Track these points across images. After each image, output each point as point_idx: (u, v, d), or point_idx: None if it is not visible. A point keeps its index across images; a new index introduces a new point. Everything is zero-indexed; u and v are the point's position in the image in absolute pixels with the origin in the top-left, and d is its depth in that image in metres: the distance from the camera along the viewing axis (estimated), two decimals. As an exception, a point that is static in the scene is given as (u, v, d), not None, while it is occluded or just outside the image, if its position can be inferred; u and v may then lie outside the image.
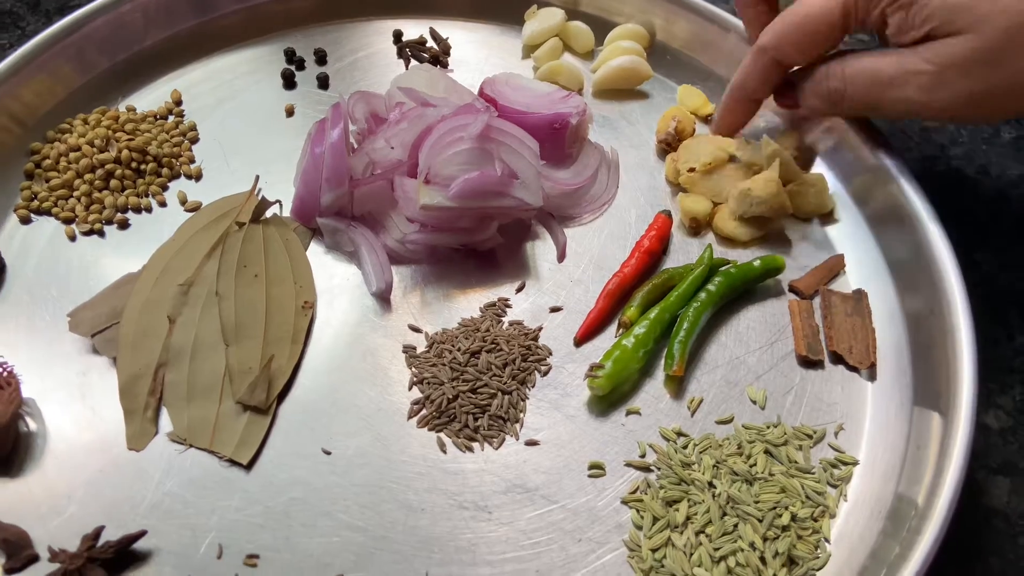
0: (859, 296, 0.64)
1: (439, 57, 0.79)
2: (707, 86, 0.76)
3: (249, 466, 0.55)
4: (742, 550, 0.52)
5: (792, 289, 0.66)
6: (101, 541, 0.50)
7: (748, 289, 0.65)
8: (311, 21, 0.79)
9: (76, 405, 0.56)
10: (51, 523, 0.52)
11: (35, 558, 0.51)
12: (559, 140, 0.70)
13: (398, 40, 0.80)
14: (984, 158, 0.76)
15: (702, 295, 0.62)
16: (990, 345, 0.65)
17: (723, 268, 0.64)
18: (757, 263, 0.65)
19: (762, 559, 0.52)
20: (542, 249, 0.67)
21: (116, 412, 0.56)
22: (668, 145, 0.72)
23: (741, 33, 0.75)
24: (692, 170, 0.69)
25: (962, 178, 0.75)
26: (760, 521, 0.53)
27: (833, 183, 0.70)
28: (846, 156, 0.70)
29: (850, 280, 0.66)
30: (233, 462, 0.55)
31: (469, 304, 0.64)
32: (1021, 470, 0.59)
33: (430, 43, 0.80)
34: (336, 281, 0.64)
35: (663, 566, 0.52)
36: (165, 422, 0.56)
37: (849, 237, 0.68)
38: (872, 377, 0.61)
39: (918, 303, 0.63)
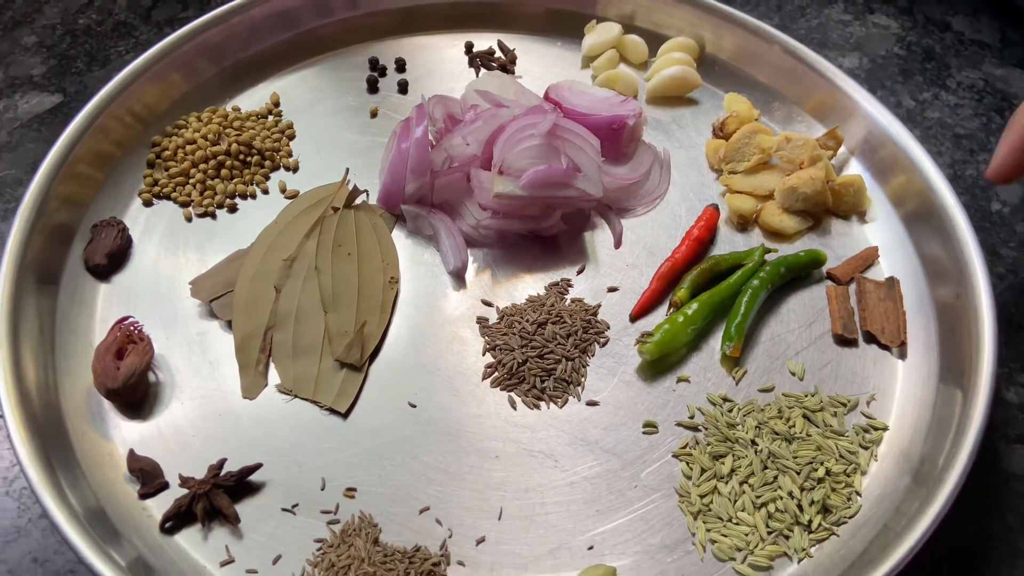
0: (891, 283, 0.70)
1: (506, 66, 0.87)
2: (752, 94, 0.83)
3: (346, 415, 0.63)
4: (781, 498, 0.58)
5: (830, 276, 0.72)
6: (223, 471, 0.58)
7: (792, 277, 0.71)
8: (392, 34, 0.88)
9: (197, 359, 0.65)
10: (178, 457, 0.60)
11: (165, 486, 0.59)
12: (617, 140, 0.77)
13: (469, 51, 0.88)
14: (1012, 162, 0.82)
15: (755, 282, 0.68)
16: (1013, 329, 0.71)
17: (772, 259, 0.71)
18: (802, 254, 0.71)
19: (799, 506, 0.58)
20: (600, 237, 0.74)
21: (231, 366, 0.65)
22: (716, 131, 0.80)
23: (784, 45, 0.82)
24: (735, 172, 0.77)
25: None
26: (798, 474, 0.59)
27: (870, 183, 0.76)
28: (883, 159, 0.76)
29: (883, 269, 0.72)
30: (332, 411, 0.63)
31: (535, 283, 0.71)
32: (1039, 440, 0.65)
33: (498, 54, 0.88)
34: (417, 261, 0.72)
35: (710, 510, 0.58)
36: (273, 376, 0.64)
37: (884, 232, 0.74)
38: (902, 355, 0.67)
39: (946, 290, 0.69)
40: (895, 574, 0.53)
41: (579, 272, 0.72)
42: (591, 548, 0.57)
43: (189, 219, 0.74)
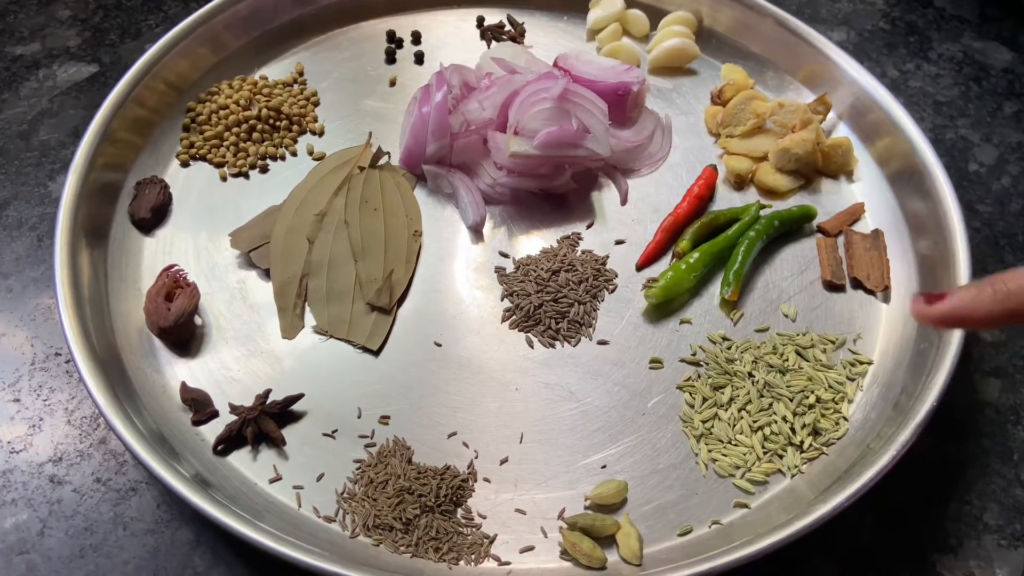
0: (876, 235, 0.76)
1: (516, 39, 0.92)
2: (747, 64, 0.89)
3: (378, 352, 0.68)
4: (776, 422, 0.64)
5: (820, 229, 0.78)
6: (269, 400, 0.64)
7: (785, 230, 0.77)
8: (408, 8, 0.93)
9: (238, 305, 0.70)
10: (226, 389, 0.66)
11: (216, 414, 0.64)
12: (622, 105, 0.83)
13: (480, 25, 0.94)
14: (988, 128, 0.88)
15: (751, 233, 0.74)
16: (988, 276, 0.77)
17: (766, 213, 0.77)
18: (794, 209, 0.77)
19: (792, 429, 0.64)
20: (608, 195, 0.80)
21: (270, 310, 0.70)
22: (714, 99, 0.85)
23: (777, 18, 0.87)
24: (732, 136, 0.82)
25: (969, 143, 0.87)
26: (791, 400, 0.65)
27: (857, 145, 0.82)
28: (869, 123, 0.82)
29: (869, 223, 0.78)
30: (365, 349, 0.68)
31: (548, 237, 0.77)
32: (1009, 374, 0.71)
33: (508, 27, 0.94)
34: (438, 217, 0.78)
35: (711, 433, 0.64)
36: (310, 319, 0.70)
37: (870, 189, 0.80)
38: (886, 299, 0.73)
39: (926, 242, 0.74)
40: (874, 485, 0.59)
41: (588, 227, 0.78)
42: (604, 467, 0.63)
43: (224, 179, 0.79)
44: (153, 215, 0.74)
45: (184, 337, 0.67)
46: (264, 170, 0.80)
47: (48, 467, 0.63)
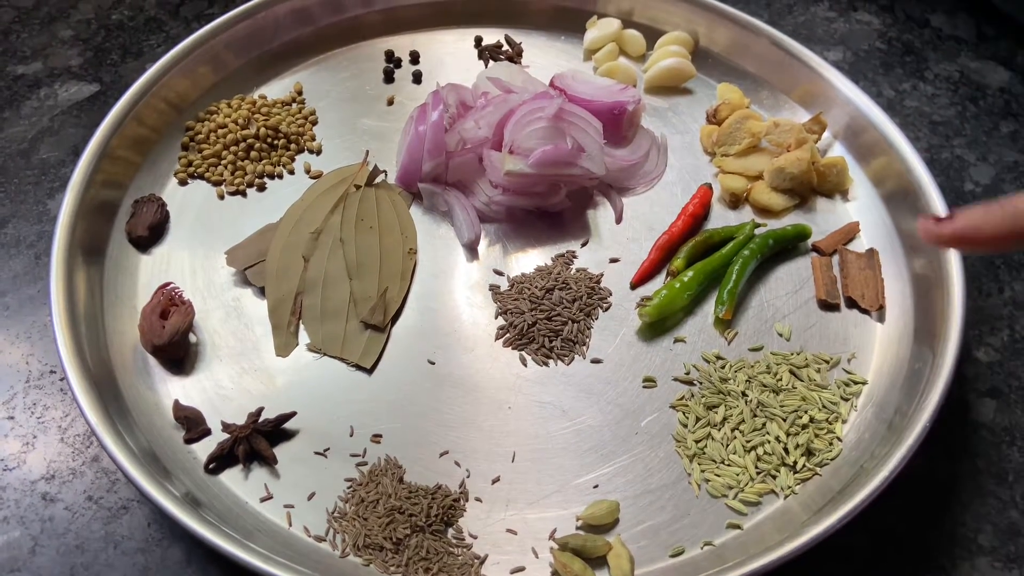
0: (871, 254, 0.76)
1: (513, 59, 0.93)
2: (743, 84, 0.89)
3: (371, 371, 0.68)
4: (769, 442, 0.64)
5: (815, 248, 0.78)
6: (261, 418, 0.64)
7: (780, 249, 0.77)
8: (407, 28, 0.94)
9: (233, 322, 0.71)
10: (219, 408, 0.66)
11: (208, 432, 0.64)
12: (617, 125, 0.83)
13: (478, 44, 0.94)
14: (985, 147, 0.88)
15: (745, 252, 0.74)
16: (984, 295, 0.77)
17: (761, 231, 0.77)
18: (789, 228, 0.77)
19: (785, 449, 0.64)
20: (603, 213, 0.80)
21: (265, 328, 0.70)
22: (710, 118, 0.86)
23: (772, 39, 0.88)
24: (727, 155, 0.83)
25: (965, 163, 0.87)
26: (784, 420, 0.65)
27: (852, 165, 0.82)
28: (865, 142, 0.82)
29: (864, 242, 0.78)
30: (358, 367, 0.68)
31: (542, 255, 0.77)
32: (1004, 394, 0.71)
33: (505, 47, 0.94)
34: (434, 235, 0.78)
35: (704, 453, 0.64)
36: (304, 336, 0.70)
37: (865, 209, 0.80)
38: (880, 318, 0.73)
39: (921, 261, 0.74)
40: (867, 506, 0.58)
41: (583, 245, 0.78)
42: (596, 487, 0.63)
43: (221, 197, 0.79)
44: (150, 233, 0.75)
45: (178, 355, 0.67)
46: (261, 188, 0.80)
47: (41, 485, 0.64)
